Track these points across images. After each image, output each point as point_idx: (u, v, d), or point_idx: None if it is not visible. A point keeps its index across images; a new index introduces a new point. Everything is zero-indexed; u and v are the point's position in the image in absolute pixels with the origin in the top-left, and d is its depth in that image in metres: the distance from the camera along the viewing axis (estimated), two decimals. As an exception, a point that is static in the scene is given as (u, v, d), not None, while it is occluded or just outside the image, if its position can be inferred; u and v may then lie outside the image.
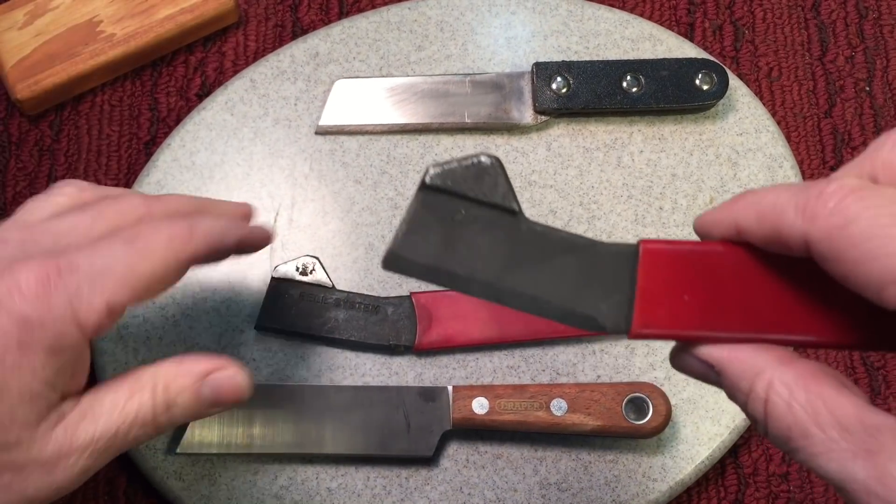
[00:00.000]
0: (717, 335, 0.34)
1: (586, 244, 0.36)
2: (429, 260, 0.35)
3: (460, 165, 0.35)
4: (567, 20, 0.70)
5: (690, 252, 0.35)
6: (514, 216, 0.35)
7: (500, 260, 0.35)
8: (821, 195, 0.31)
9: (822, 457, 0.31)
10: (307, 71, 0.68)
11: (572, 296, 0.35)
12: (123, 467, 0.62)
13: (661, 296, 0.35)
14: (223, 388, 0.45)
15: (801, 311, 0.34)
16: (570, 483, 0.61)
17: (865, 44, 0.72)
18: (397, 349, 0.62)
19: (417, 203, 0.35)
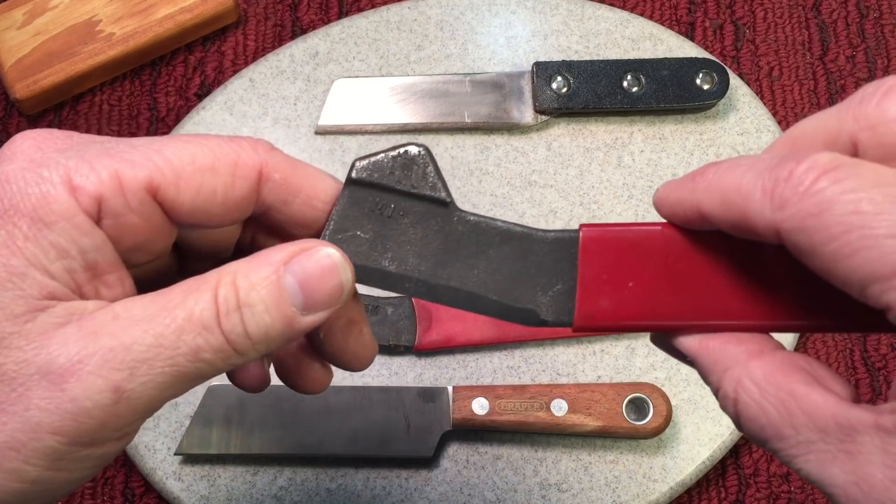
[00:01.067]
0: (666, 324, 0.32)
1: (523, 233, 0.33)
2: (358, 259, 0.33)
3: (387, 156, 0.34)
4: (567, 19, 0.69)
5: (632, 235, 0.32)
6: (446, 207, 0.34)
7: (433, 255, 0.34)
8: (790, 177, 0.27)
9: (800, 459, 0.28)
10: (307, 70, 0.68)
11: (511, 289, 0.33)
12: (123, 468, 0.62)
13: (603, 284, 0.32)
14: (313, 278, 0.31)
15: (758, 295, 0.32)
16: (570, 484, 0.60)
17: (866, 43, 0.72)
18: (397, 349, 0.62)
19: (344, 199, 0.34)
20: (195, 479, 0.60)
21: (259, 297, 0.31)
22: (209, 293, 0.30)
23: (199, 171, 0.32)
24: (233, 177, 0.33)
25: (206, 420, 0.59)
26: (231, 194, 0.33)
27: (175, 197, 0.32)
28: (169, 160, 0.32)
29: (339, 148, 0.67)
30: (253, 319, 0.30)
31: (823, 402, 0.28)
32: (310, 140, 0.67)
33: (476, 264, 0.33)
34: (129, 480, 0.62)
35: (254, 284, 0.31)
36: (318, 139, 0.67)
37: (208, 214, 0.33)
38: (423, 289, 0.34)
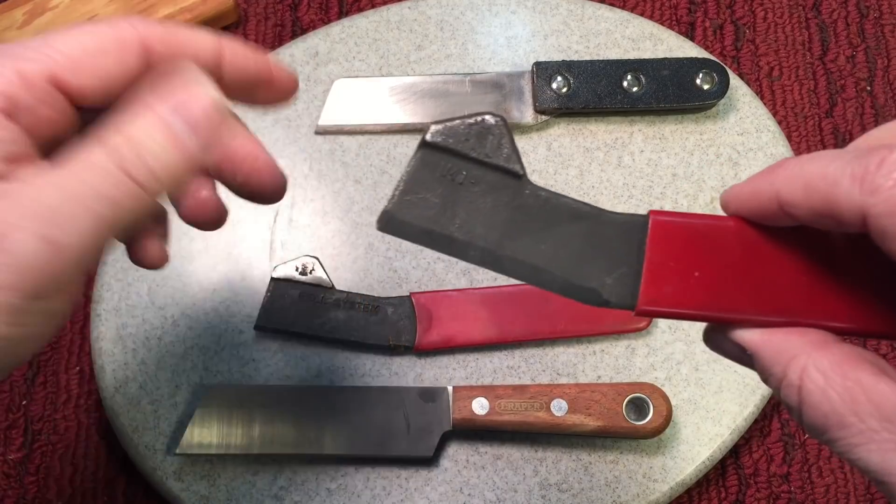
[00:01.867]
0: (728, 316, 0.32)
1: (592, 212, 0.33)
2: (426, 223, 0.34)
3: (463, 123, 0.33)
4: (567, 19, 0.69)
5: (702, 226, 0.33)
6: (518, 179, 0.34)
7: (501, 226, 0.33)
8: (882, 164, 0.27)
9: (862, 448, 0.29)
10: (307, 70, 0.68)
11: (575, 267, 0.33)
12: (123, 468, 0.62)
13: (669, 271, 0.33)
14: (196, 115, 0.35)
15: (824, 295, 0.32)
16: (570, 484, 0.60)
17: (866, 43, 0.72)
18: (397, 349, 0.62)
19: (416, 161, 0.34)
20: (195, 479, 0.60)
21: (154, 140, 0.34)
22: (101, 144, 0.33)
23: (91, 55, 0.35)
24: (122, 54, 0.36)
25: (207, 420, 0.59)
26: (124, 71, 0.36)
27: (76, 83, 0.35)
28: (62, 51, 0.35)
29: (340, 148, 0.67)
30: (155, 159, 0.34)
31: (891, 392, 0.28)
32: (310, 140, 0.67)
33: (543, 239, 0.33)
34: (130, 481, 0.62)
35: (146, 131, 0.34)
36: (317, 139, 0.67)
37: (108, 94, 0.36)
38: (488, 258, 0.34)
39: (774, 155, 0.66)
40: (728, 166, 0.66)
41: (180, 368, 0.62)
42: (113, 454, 0.63)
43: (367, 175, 0.66)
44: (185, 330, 0.62)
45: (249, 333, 0.63)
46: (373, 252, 0.64)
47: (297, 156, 0.66)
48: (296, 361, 0.62)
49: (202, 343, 0.62)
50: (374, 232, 0.65)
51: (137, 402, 0.61)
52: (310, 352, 0.63)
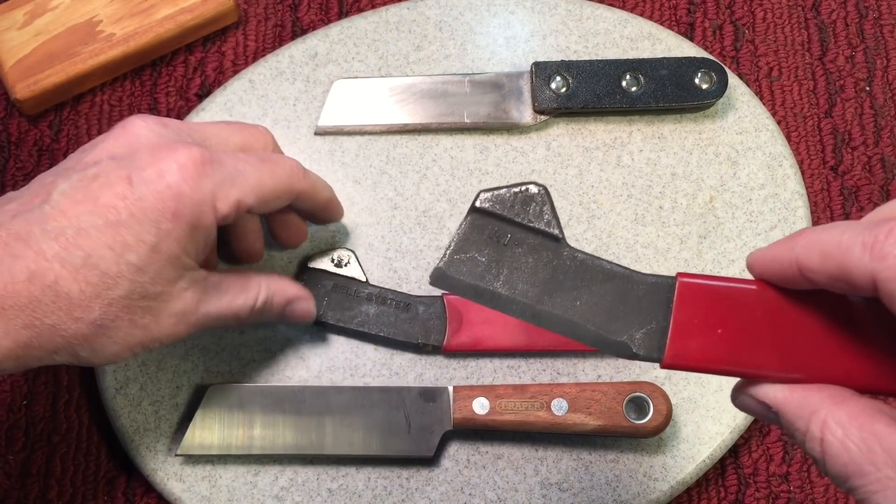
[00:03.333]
0: (749, 371, 0.35)
1: (624, 274, 0.37)
2: (473, 279, 0.37)
3: (509, 192, 0.37)
4: (566, 19, 0.70)
5: (726, 289, 0.36)
6: (558, 242, 0.37)
7: (541, 283, 0.37)
8: (890, 233, 0.30)
9: (879, 495, 0.31)
10: (306, 71, 0.68)
11: (608, 323, 0.37)
12: (124, 468, 0.62)
13: (694, 329, 0.36)
14: (298, 315, 0.58)
15: (841, 353, 0.34)
16: (571, 483, 0.60)
17: (865, 43, 0.72)
18: (425, 348, 0.62)
19: (467, 224, 0.37)
20: (196, 480, 0.60)
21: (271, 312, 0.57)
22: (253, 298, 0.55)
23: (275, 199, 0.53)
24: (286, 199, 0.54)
25: (208, 421, 0.59)
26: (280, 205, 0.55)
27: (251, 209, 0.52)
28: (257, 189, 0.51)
29: (339, 149, 0.67)
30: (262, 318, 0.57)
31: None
32: (309, 141, 0.67)
33: (579, 296, 0.37)
34: (130, 481, 0.62)
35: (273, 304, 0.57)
36: (317, 140, 0.67)
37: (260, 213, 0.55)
38: (528, 312, 0.37)
39: (773, 154, 0.66)
40: (727, 166, 0.66)
41: (181, 369, 0.62)
42: (114, 455, 0.63)
43: (367, 176, 0.66)
44: (185, 330, 0.63)
45: (250, 334, 0.63)
46: (373, 252, 0.64)
47: (296, 156, 0.66)
48: (296, 362, 0.63)
49: (203, 343, 0.62)
50: (374, 232, 0.65)
51: (138, 402, 0.61)
52: (310, 352, 0.63)
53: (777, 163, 0.66)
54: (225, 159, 0.49)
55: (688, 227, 0.65)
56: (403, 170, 0.66)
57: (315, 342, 0.63)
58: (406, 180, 0.66)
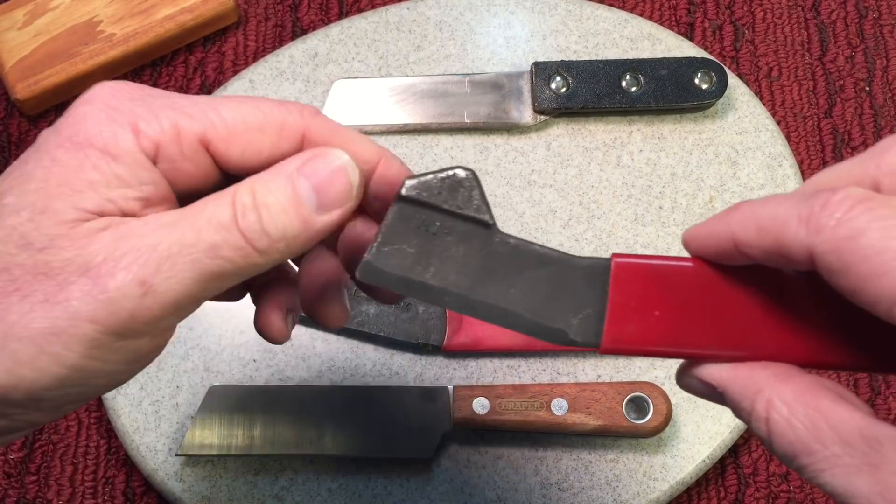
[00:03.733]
0: (690, 352, 0.34)
1: (559, 258, 0.35)
2: (402, 271, 0.35)
3: (436, 178, 0.35)
4: (566, 19, 0.70)
5: (663, 267, 0.35)
6: (488, 229, 0.35)
7: (473, 272, 0.35)
8: (825, 205, 0.29)
9: (826, 473, 0.30)
10: (306, 71, 0.68)
11: (543, 309, 0.35)
12: (123, 468, 0.62)
13: (632, 311, 0.35)
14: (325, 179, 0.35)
15: (781, 329, 0.34)
16: (570, 483, 0.61)
17: (865, 44, 0.72)
18: (425, 348, 0.62)
19: (393, 215, 0.35)
20: (196, 480, 0.60)
21: (275, 199, 0.34)
22: (228, 198, 0.34)
23: (249, 129, 0.36)
24: (279, 137, 0.37)
25: (208, 421, 0.59)
26: (275, 153, 0.37)
27: (224, 151, 0.36)
28: (223, 118, 0.36)
29: (339, 148, 0.67)
30: (270, 219, 0.34)
31: (849, 417, 0.30)
32: (310, 140, 0.67)
33: (513, 284, 0.35)
34: (130, 480, 0.62)
35: (271, 189, 0.34)
36: (318, 139, 0.67)
37: (253, 167, 0.36)
38: (461, 303, 0.35)
39: (773, 154, 0.66)
40: (727, 165, 0.66)
41: (181, 369, 0.62)
42: (113, 454, 0.63)
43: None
44: (185, 331, 0.63)
45: (250, 334, 0.63)
46: (373, 252, 0.64)
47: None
48: (296, 363, 0.63)
49: (203, 344, 0.62)
50: (374, 232, 0.65)
51: (138, 402, 0.61)
52: (310, 352, 0.63)
53: (777, 163, 0.66)
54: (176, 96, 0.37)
55: (688, 226, 0.65)
56: (403, 170, 0.66)
57: (315, 342, 0.63)
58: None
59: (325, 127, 0.37)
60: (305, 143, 0.37)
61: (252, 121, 0.36)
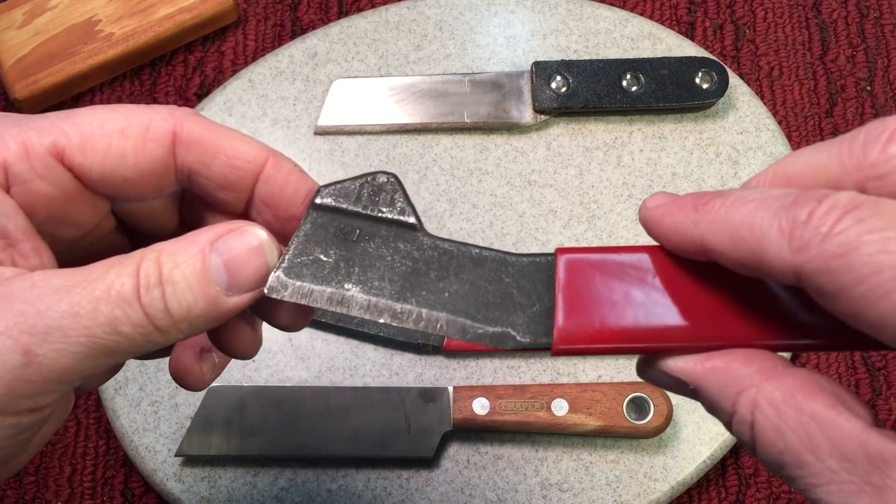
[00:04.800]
0: (651, 346, 0.31)
1: (496, 257, 0.33)
2: (318, 282, 0.33)
3: (354, 183, 0.33)
4: (566, 19, 0.69)
5: (612, 261, 0.32)
6: (415, 231, 0.33)
7: (400, 278, 0.33)
8: (810, 218, 0.25)
9: (821, 489, 0.26)
10: (306, 71, 0.68)
11: (483, 312, 0.33)
12: (123, 468, 0.62)
13: (582, 307, 0.32)
14: (238, 258, 0.32)
15: (745, 315, 0.31)
16: (571, 483, 0.60)
17: (866, 43, 0.72)
18: (425, 348, 0.62)
19: (307, 224, 0.33)
20: (196, 481, 0.60)
21: (182, 275, 0.30)
22: (131, 267, 0.30)
23: (108, 134, 0.32)
24: (144, 139, 0.32)
25: (207, 421, 0.59)
26: (142, 157, 0.32)
27: (82, 161, 0.32)
28: (77, 125, 0.32)
29: (339, 148, 0.66)
30: (175, 296, 0.30)
31: (850, 429, 0.26)
32: (309, 141, 0.67)
33: (447, 287, 0.33)
34: (129, 481, 0.62)
35: (178, 263, 0.30)
36: (317, 140, 0.67)
37: (123, 180, 0.33)
38: (388, 312, 0.33)
39: (774, 154, 0.66)
40: (728, 165, 0.66)
41: (180, 369, 0.62)
42: (112, 455, 0.63)
43: (367, 175, 0.66)
44: (184, 330, 0.62)
45: (249, 334, 0.63)
46: (373, 252, 0.64)
47: (296, 156, 0.66)
48: (295, 363, 0.62)
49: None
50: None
51: (138, 403, 0.61)
52: (310, 352, 0.63)
53: (778, 163, 0.66)
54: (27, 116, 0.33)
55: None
56: (403, 169, 0.66)
57: (315, 342, 0.63)
58: (406, 180, 0.66)
59: (201, 125, 0.33)
60: (178, 145, 0.33)
61: (110, 126, 0.32)
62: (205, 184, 0.34)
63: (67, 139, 0.32)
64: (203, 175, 0.34)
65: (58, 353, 0.29)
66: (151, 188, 0.34)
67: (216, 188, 0.34)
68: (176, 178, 0.34)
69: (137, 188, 0.33)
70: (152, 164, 0.33)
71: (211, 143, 0.33)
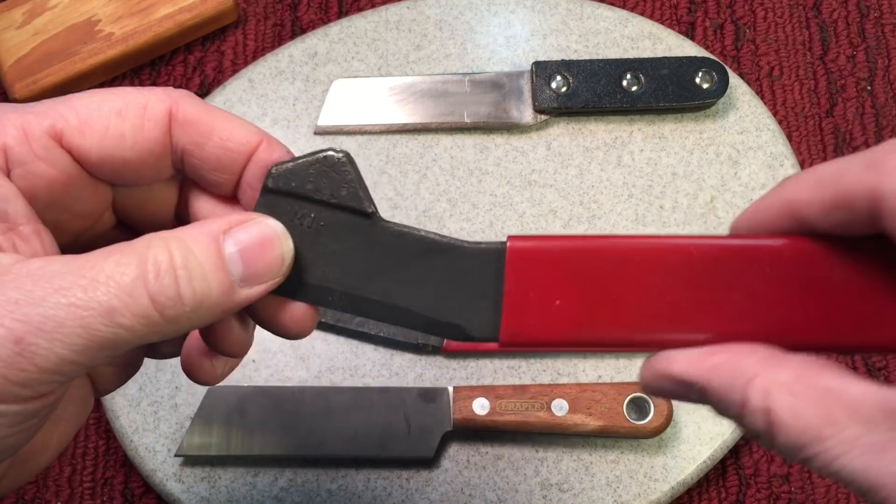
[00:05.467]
0: (602, 341, 0.31)
1: (451, 245, 0.32)
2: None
3: (305, 163, 0.32)
4: (566, 19, 0.69)
5: (565, 249, 0.31)
6: (369, 218, 0.32)
7: (356, 267, 0.32)
8: (893, 150, 0.26)
9: (844, 458, 0.26)
10: (306, 71, 0.68)
11: (436, 303, 0.32)
12: (122, 469, 0.62)
13: (531, 299, 0.31)
14: (254, 247, 0.31)
15: (712, 306, 0.30)
16: (571, 483, 0.60)
17: (867, 43, 0.72)
18: (425, 348, 0.62)
19: (259, 209, 0.32)
20: (196, 481, 0.60)
21: (197, 262, 0.29)
22: (134, 254, 0.29)
23: (105, 116, 0.32)
24: (141, 119, 0.32)
25: (207, 422, 0.59)
26: (140, 137, 0.32)
27: (81, 142, 0.32)
28: (75, 108, 0.32)
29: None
30: (190, 283, 0.29)
31: (864, 392, 0.27)
32: (309, 140, 0.66)
33: (402, 277, 0.32)
34: (129, 481, 0.62)
35: (191, 249, 0.30)
36: (317, 140, 0.67)
37: (123, 162, 0.32)
38: (346, 302, 0.32)
39: (774, 154, 0.66)
40: (728, 165, 0.66)
41: (180, 370, 0.62)
42: (112, 455, 0.63)
43: (367, 175, 0.66)
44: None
45: (249, 334, 0.63)
46: (373, 252, 0.64)
47: (296, 156, 0.66)
48: (295, 363, 0.62)
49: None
50: (374, 232, 0.65)
51: (137, 403, 0.61)
52: (310, 352, 0.62)
53: (778, 163, 0.66)
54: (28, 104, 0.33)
55: (688, 227, 0.65)
56: (403, 169, 0.66)
57: (315, 342, 0.63)
58: (406, 180, 0.66)
59: (196, 106, 0.33)
60: (174, 125, 0.33)
61: (108, 107, 0.32)
62: (197, 165, 0.33)
63: (66, 121, 0.32)
64: (196, 156, 0.33)
65: (52, 344, 0.28)
66: (150, 171, 0.33)
67: (208, 169, 0.34)
68: (173, 162, 0.34)
69: (136, 171, 0.33)
70: (150, 144, 0.32)
71: (206, 123, 0.33)
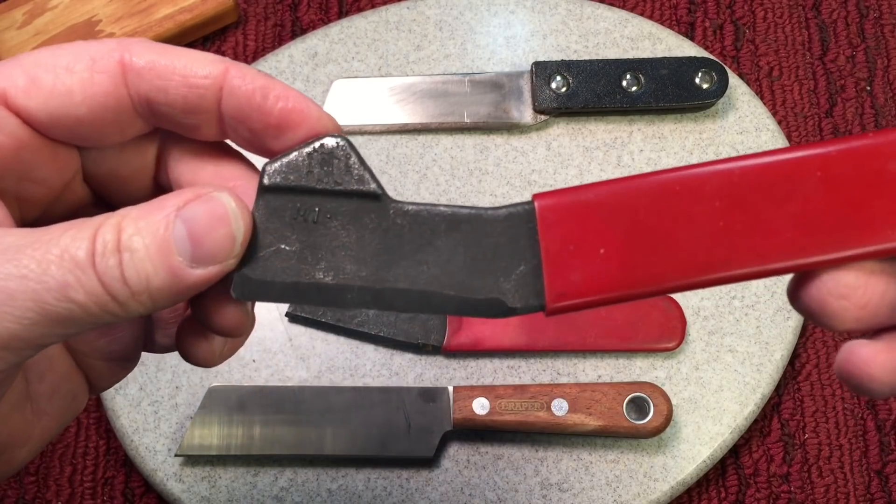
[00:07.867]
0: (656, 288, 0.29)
1: (471, 215, 0.29)
2: (288, 276, 0.29)
3: (301, 154, 0.30)
4: (566, 19, 0.69)
5: (596, 196, 0.29)
6: (378, 200, 0.30)
7: (373, 257, 0.29)
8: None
9: None
10: (306, 71, 0.68)
11: (468, 281, 0.29)
12: (123, 469, 0.62)
13: (573, 255, 0.29)
14: (201, 226, 0.28)
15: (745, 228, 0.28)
16: (571, 483, 0.60)
17: (866, 43, 0.72)
18: (425, 348, 0.62)
19: (259, 212, 0.30)
20: (196, 481, 0.60)
21: (142, 243, 0.28)
22: (89, 231, 0.28)
23: (51, 71, 0.30)
24: (90, 72, 0.30)
25: (207, 421, 0.59)
26: (90, 91, 0.30)
27: (26, 102, 0.30)
28: (23, 67, 0.30)
29: (339, 148, 0.66)
30: (132, 265, 0.27)
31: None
32: (309, 140, 0.67)
33: (425, 259, 0.29)
34: (129, 481, 0.62)
35: (139, 229, 0.28)
36: (317, 139, 0.67)
37: (76, 120, 0.30)
38: (368, 297, 0.30)
39: (774, 154, 0.66)
40: (728, 166, 0.66)
41: (180, 369, 0.62)
42: (112, 455, 0.63)
43: (367, 175, 0.66)
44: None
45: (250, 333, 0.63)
46: (373, 252, 0.64)
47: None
48: (295, 363, 0.62)
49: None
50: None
51: (138, 403, 0.61)
52: (310, 352, 0.63)
53: (777, 163, 0.66)
54: None
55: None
56: (403, 169, 0.66)
57: (315, 342, 0.63)
58: (406, 180, 0.66)
59: (152, 50, 0.30)
60: (128, 74, 0.30)
61: (53, 61, 0.30)
62: (167, 112, 0.31)
63: (11, 82, 0.30)
64: (162, 102, 0.30)
65: (2, 317, 0.26)
66: (112, 128, 0.31)
67: (179, 114, 0.31)
68: (137, 113, 0.31)
69: (95, 128, 0.31)
70: (102, 98, 0.30)
71: (163, 65, 0.30)
